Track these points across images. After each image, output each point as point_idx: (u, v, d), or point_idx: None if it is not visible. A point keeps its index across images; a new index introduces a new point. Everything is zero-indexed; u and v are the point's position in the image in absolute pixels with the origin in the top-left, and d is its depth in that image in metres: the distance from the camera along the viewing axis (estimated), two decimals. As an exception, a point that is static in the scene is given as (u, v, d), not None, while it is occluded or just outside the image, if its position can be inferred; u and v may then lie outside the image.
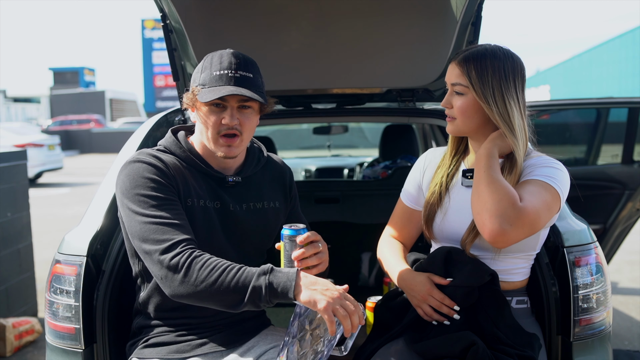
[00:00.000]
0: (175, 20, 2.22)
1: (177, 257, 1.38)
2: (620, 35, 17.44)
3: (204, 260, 1.38)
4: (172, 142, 1.62)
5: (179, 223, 1.45)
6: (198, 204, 1.56)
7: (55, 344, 1.75)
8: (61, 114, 33.35)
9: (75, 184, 13.02)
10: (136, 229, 1.45)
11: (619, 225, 3.73)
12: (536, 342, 1.58)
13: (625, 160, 3.71)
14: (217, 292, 1.35)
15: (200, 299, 1.38)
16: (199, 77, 1.54)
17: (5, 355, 3.51)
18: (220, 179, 1.62)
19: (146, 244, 1.43)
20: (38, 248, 5.32)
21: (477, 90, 1.52)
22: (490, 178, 1.46)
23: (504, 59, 1.54)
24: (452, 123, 1.61)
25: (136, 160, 1.52)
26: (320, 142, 6.31)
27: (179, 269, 1.37)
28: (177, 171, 1.55)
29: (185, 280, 1.36)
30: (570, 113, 4.11)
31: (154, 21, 35.46)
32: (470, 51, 1.56)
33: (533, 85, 29.72)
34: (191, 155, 1.60)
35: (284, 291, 1.34)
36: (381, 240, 1.86)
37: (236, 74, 1.51)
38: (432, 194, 1.69)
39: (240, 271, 1.36)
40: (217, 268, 1.36)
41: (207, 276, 1.35)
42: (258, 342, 1.64)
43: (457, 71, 1.56)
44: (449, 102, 1.60)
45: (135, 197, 1.47)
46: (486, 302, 1.56)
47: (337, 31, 2.31)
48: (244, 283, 1.35)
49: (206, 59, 1.56)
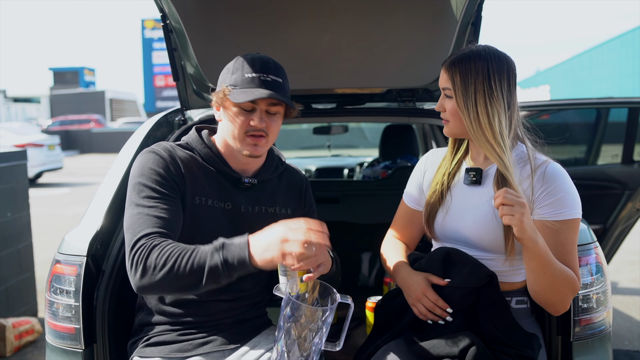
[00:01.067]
0: (175, 20, 2.22)
1: (141, 247, 1.39)
2: (620, 35, 17.43)
3: (161, 248, 1.38)
4: (195, 138, 1.66)
5: (161, 215, 1.46)
6: (206, 203, 1.58)
7: (55, 344, 1.75)
8: (61, 114, 33.36)
9: (75, 184, 13.02)
10: (127, 216, 1.48)
11: (619, 225, 3.73)
12: (536, 342, 1.58)
13: (625, 160, 3.71)
14: (174, 278, 1.35)
15: (161, 288, 1.39)
16: (229, 78, 1.56)
17: (5, 355, 3.51)
18: (236, 179, 1.64)
19: (127, 234, 1.45)
20: (38, 248, 5.33)
21: (457, 95, 1.54)
22: (558, 272, 1.48)
23: (489, 59, 1.54)
24: (447, 125, 1.64)
25: (151, 151, 1.57)
26: (320, 142, 6.32)
27: (140, 258, 1.38)
28: (190, 169, 1.58)
29: (145, 273, 1.37)
30: (570, 113, 4.11)
31: (154, 21, 35.48)
32: (457, 55, 1.58)
33: (533, 85, 29.71)
34: (212, 153, 1.62)
35: (240, 262, 1.34)
36: (384, 241, 1.87)
37: (267, 78, 1.54)
38: (434, 193, 1.70)
39: (194, 253, 1.36)
40: (172, 255, 1.36)
41: (163, 264, 1.36)
42: (259, 342, 1.65)
43: (445, 75, 1.59)
44: (441, 105, 1.63)
45: (137, 185, 1.51)
46: (485, 303, 1.56)
47: (337, 31, 2.31)
48: (199, 264, 1.35)
49: (237, 61, 1.58)
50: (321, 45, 2.37)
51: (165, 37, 2.33)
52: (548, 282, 1.48)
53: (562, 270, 1.48)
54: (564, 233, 1.51)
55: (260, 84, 1.53)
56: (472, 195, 1.63)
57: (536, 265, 1.47)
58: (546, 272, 1.47)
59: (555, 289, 1.49)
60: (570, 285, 1.50)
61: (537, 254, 1.44)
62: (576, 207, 1.53)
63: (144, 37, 36.62)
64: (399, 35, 2.31)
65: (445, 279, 1.60)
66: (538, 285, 1.51)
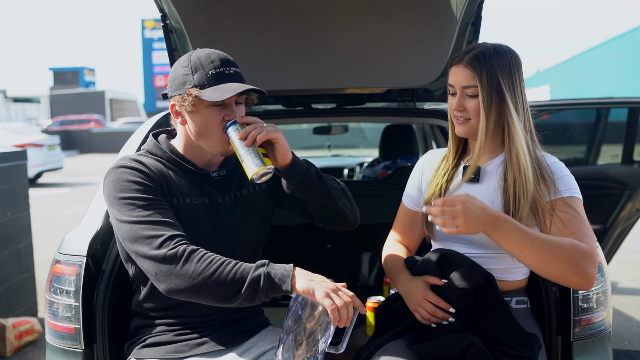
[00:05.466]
0: (175, 20, 2.22)
1: (173, 249, 1.38)
2: (620, 35, 17.43)
3: (201, 254, 1.39)
4: (154, 145, 1.63)
5: (169, 221, 1.45)
6: (184, 202, 1.56)
7: (55, 344, 1.75)
8: (61, 114, 33.36)
9: (75, 184, 13.02)
10: (126, 231, 1.45)
11: (619, 225, 3.73)
12: (536, 343, 1.58)
13: (625, 160, 3.71)
14: (214, 284, 1.36)
15: (196, 293, 1.38)
16: (190, 79, 1.51)
17: (5, 355, 3.51)
18: (204, 175, 1.62)
19: (137, 244, 1.42)
20: (38, 248, 5.33)
21: (483, 93, 1.53)
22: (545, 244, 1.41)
23: (509, 55, 1.57)
24: (466, 125, 1.60)
25: (118, 166, 1.53)
26: (320, 142, 6.31)
27: (176, 261, 1.37)
28: (160, 173, 1.56)
29: (182, 272, 1.37)
30: (570, 113, 4.11)
31: (154, 21, 35.48)
32: (476, 52, 1.56)
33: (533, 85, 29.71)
34: (174, 156, 1.60)
35: (281, 281, 1.36)
36: (385, 244, 1.87)
37: (230, 71, 1.53)
38: (433, 195, 1.69)
39: (237, 264, 1.38)
40: (215, 261, 1.38)
41: (205, 268, 1.36)
42: (257, 342, 1.65)
43: (467, 73, 1.56)
44: (461, 104, 1.59)
45: (121, 201, 1.47)
46: (484, 304, 1.56)
47: (337, 31, 2.31)
48: (242, 275, 1.36)
49: (191, 60, 1.53)
50: (321, 45, 2.37)
51: (165, 37, 2.33)
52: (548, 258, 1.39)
53: (555, 240, 1.41)
54: (574, 209, 1.51)
55: (227, 78, 1.52)
56: (471, 193, 1.62)
57: (524, 247, 1.39)
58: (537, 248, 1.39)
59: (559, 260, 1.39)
60: (576, 251, 1.40)
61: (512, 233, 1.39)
62: (578, 191, 1.56)
63: (144, 37, 36.63)
64: (399, 35, 2.31)
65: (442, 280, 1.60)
66: (542, 266, 1.41)
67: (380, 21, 2.25)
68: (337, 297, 1.34)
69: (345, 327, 1.38)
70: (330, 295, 1.34)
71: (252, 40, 2.32)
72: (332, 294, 1.34)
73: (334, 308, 1.32)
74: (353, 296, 1.38)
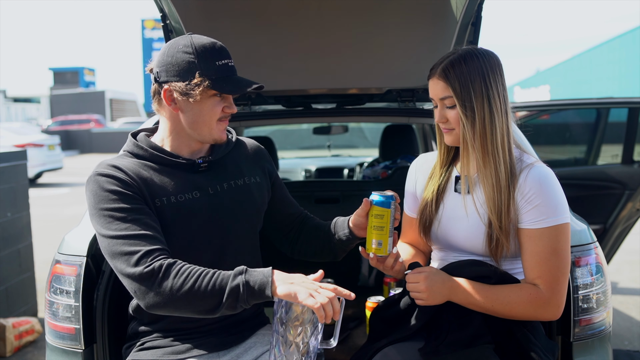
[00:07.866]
0: (175, 20, 2.22)
1: (149, 267, 1.36)
2: (620, 35, 17.44)
3: (177, 268, 1.37)
4: (133, 144, 1.60)
5: (147, 234, 1.42)
6: (169, 201, 1.53)
7: (55, 344, 1.75)
8: (61, 114, 33.36)
9: (75, 184, 13.02)
10: (105, 247, 1.43)
11: (619, 225, 3.74)
12: (556, 350, 1.60)
13: (625, 160, 3.71)
14: (194, 298, 1.34)
15: (176, 308, 1.37)
16: (196, 66, 1.48)
17: (5, 355, 3.52)
18: (190, 165, 1.59)
19: (115, 261, 1.41)
20: (38, 248, 5.32)
21: (459, 103, 1.51)
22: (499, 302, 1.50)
23: (480, 58, 1.52)
24: (451, 134, 1.58)
25: (96, 174, 1.50)
26: (320, 142, 6.32)
27: (153, 278, 1.35)
28: (139, 175, 1.52)
29: (160, 290, 1.35)
30: (570, 113, 4.12)
31: (154, 21, 35.49)
32: (447, 61, 1.53)
33: (533, 85, 29.71)
34: (156, 152, 1.57)
35: (261, 288, 1.34)
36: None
37: (231, 63, 1.54)
38: (425, 204, 1.68)
39: (215, 275, 1.36)
40: (192, 274, 1.36)
41: (183, 283, 1.34)
42: (255, 344, 1.64)
43: (440, 85, 1.54)
44: (442, 116, 1.57)
45: (100, 212, 1.45)
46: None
47: (337, 31, 2.31)
48: (221, 285, 1.35)
49: (195, 48, 1.50)
50: (321, 45, 2.37)
51: (165, 37, 2.32)
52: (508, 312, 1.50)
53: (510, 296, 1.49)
54: (542, 241, 1.48)
55: (232, 70, 1.53)
56: (461, 205, 1.61)
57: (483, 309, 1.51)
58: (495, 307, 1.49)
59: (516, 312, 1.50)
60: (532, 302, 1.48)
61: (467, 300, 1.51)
62: (557, 214, 1.48)
63: (144, 37, 36.63)
64: (399, 35, 2.31)
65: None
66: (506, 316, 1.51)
67: (380, 21, 2.25)
68: (320, 295, 1.33)
69: (334, 321, 1.37)
70: (312, 295, 1.33)
71: (252, 40, 2.32)
72: (314, 293, 1.33)
73: (319, 307, 1.31)
74: (335, 289, 1.36)
